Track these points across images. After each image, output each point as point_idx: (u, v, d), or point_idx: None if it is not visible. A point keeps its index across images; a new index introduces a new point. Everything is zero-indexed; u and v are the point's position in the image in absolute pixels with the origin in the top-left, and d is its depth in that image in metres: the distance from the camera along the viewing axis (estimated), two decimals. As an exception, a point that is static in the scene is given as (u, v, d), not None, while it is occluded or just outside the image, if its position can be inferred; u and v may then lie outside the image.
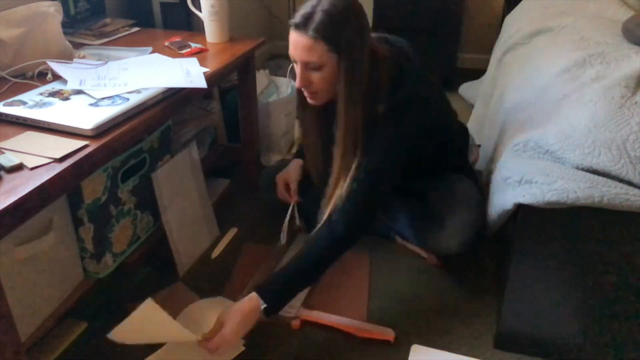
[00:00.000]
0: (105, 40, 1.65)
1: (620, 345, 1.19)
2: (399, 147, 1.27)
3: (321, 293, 1.44)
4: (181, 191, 1.54)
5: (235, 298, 1.40)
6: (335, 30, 1.16)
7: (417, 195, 1.53)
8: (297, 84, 1.25)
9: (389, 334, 1.30)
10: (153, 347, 1.26)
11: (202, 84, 1.31)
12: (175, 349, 1.25)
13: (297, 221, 1.63)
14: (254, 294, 1.20)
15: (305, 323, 1.34)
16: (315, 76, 1.21)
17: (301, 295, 1.39)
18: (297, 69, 1.23)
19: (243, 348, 1.25)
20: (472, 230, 1.39)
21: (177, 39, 1.65)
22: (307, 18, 1.16)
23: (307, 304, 1.39)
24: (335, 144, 1.26)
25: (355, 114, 1.22)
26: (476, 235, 1.40)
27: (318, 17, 1.15)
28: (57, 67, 1.27)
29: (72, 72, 1.27)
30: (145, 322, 1.11)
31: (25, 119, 1.08)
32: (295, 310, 1.36)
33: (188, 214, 1.56)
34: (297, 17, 1.18)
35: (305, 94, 1.27)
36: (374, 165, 1.24)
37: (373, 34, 1.28)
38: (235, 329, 1.16)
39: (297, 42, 1.19)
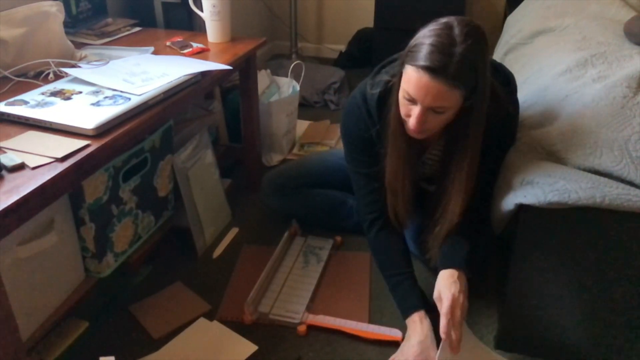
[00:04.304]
0: (107, 40, 1.65)
1: (621, 345, 1.19)
2: None
3: (323, 295, 1.44)
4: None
5: (234, 299, 1.41)
6: (473, 75, 1.02)
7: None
8: (412, 124, 1.09)
9: (397, 335, 1.30)
10: (154, 347, 1.27)
11: (224, 66, 1.39)
12: (177, 348, 1.25)
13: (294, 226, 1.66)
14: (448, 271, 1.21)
15: (311, 328, 1.33)
16: (434, 118, 1.08)
17: (304, 300, 1.40)
18: (415, 109, 1.07)
19: (255, 347, 1.25)
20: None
21: (179, 39, 1.65)
22: (445, 62, 0.99)
23: (310, 309, 1.38)
24: (455, 174, 1.19)
25: (478, 152, 1.15)
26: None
27: (457, 60, 0.99)
28: (77, 72, 1.27)
29: (96, 75, 1.26)
30: None
31: (27, 118, 1.08)
32: (300, 315, 1.35)
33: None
34: (431, 59, 1.00)
35: (412, 130, 1.12)
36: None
37: None
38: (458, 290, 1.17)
39: (429, 88, 1.02)
